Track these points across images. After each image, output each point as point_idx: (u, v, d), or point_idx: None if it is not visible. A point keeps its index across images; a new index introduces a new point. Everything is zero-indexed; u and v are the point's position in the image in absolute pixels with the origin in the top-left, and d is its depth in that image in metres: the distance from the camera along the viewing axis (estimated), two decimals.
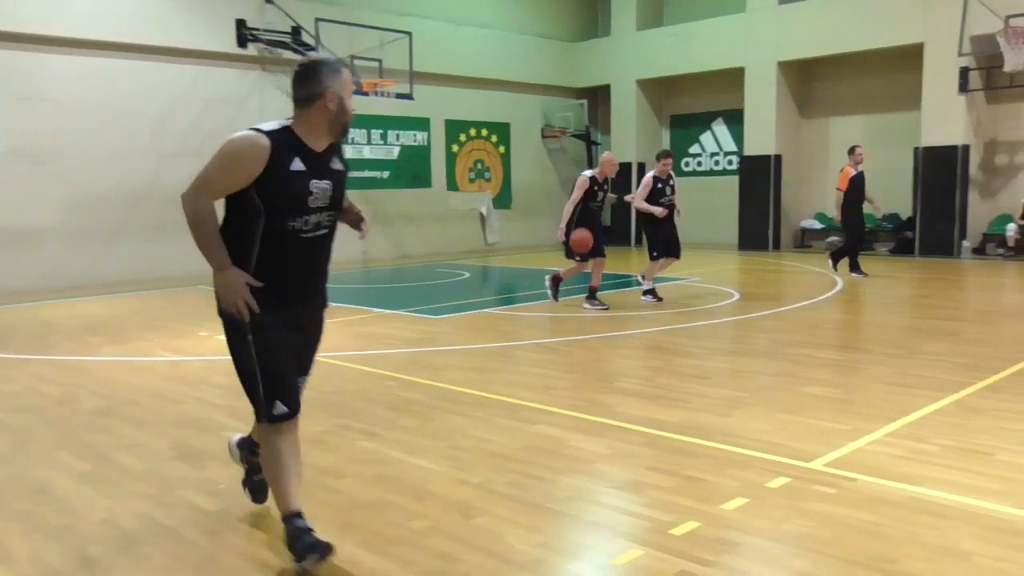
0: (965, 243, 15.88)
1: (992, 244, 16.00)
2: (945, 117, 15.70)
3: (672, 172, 10.25)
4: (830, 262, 13.09)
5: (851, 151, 12.48)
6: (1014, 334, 7.92)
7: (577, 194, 9.62)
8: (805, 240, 19.05)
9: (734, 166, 19.90)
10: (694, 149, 21.13)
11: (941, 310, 9.83)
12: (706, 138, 20.89)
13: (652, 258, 10.32)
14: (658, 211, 9.98)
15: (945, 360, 6.78)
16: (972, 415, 5.10)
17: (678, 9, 20.82)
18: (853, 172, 12.32)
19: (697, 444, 4.61)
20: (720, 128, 20.53)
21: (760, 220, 18.56)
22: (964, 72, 15.36)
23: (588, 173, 9.75)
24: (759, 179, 18.53)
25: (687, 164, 21.27)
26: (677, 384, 6.10)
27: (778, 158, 18.34)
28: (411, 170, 18.72)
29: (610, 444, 4.66)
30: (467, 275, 14.56)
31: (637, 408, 5.44)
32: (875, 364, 6.67)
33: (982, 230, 16.19)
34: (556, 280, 10.36)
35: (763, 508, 3.67)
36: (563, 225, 9.75)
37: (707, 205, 20.36)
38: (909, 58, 16.15)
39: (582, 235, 9.42)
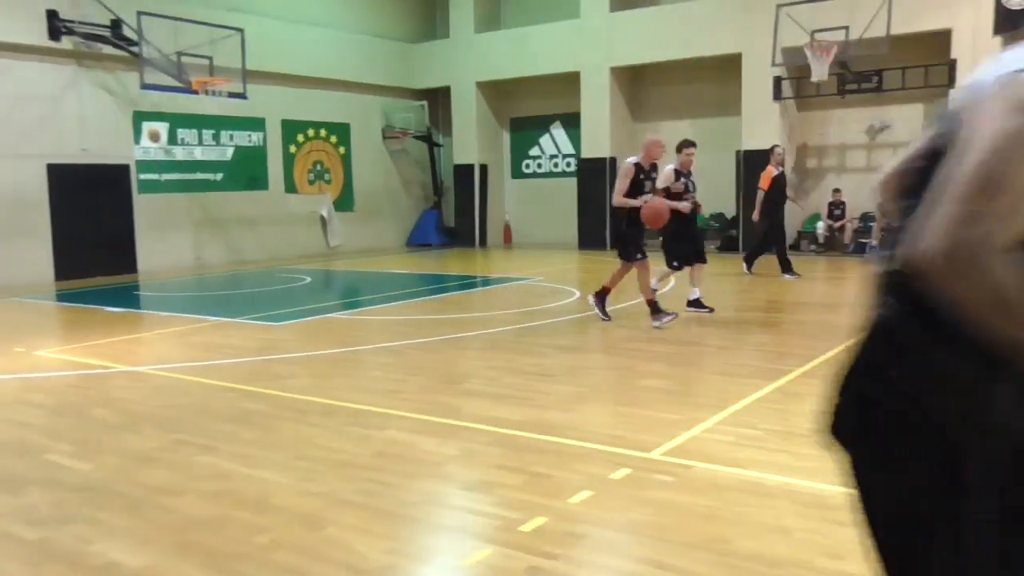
0: None
1: (805, 241, 17.31)
2: (762, 122, 16.86)
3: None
4: (744, 266, 13.01)
5: (771, 150, 12.69)
6: (826, 323, 8.61)
7: (622, 184, 8.17)
8: None
9: (572, 168, 20.49)
10: (534, 151, 21.60)
11: (763, 303, 10.54)
12: (545, 140, 21.39)
13: (672, 267, 9.15)
14: (635, 202, 8.51)
15: (767, 350, 7.28)
16: (792, 400, 5.51)
17: (515, 13, 21.20)
18: (775, 172, 12.48)
19: (543, 440, 4.72)
20: (558, 131, 21.07)
21: (598, 220, 19.20)
22: (777, 81, 16.55)
23: (632, 159, 8.32)
24: (596, 181, 19.17)
25: (527, 166, 21.72)
26: (522, 383, 6.22)
27: (613, 160, 19.04)
28: (246, 172, 18.07)
29: (459, 445, 4.69)
30: (308, 279, 14.22)
31: (484, 408, 5.50)
32: (706, 356, 7.06)
33: (796, 228, 17.48)
34: (602, 295, 8.87)
35: (607, 499, 3.81)
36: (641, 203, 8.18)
37: (548, 206, 21.00)
38: (730, 67, 17.21)
39: (656, 206, 8.02)
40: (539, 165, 21.58)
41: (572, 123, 20.13)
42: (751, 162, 17.02)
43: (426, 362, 7.16)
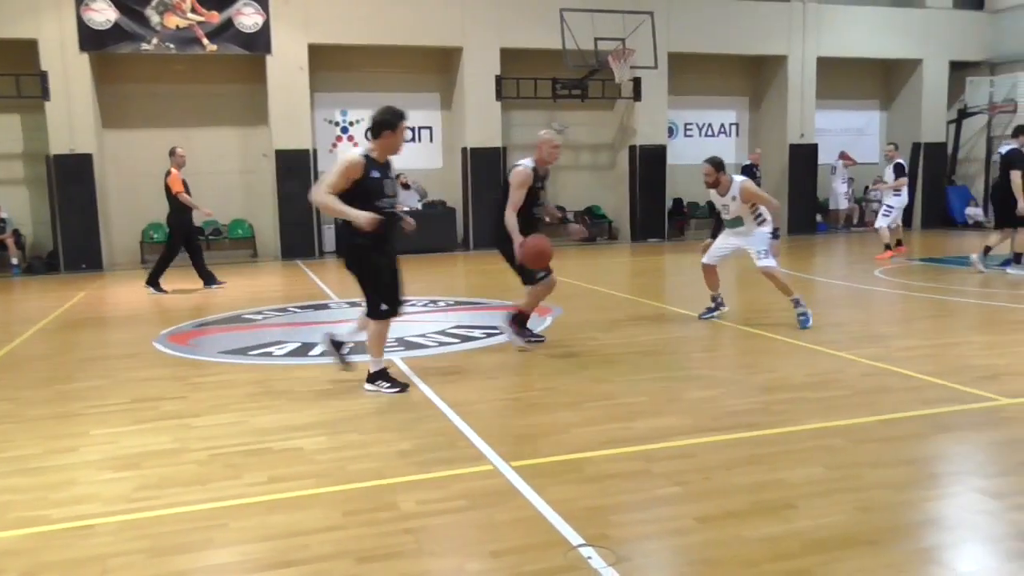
0: None
1: None
2: None
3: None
4: (150, 289, 11.73)
5: (172, 152, 11.75)
6: None
7: (518, 195, 6.78)
8: None
9: None
10: None
11: None
12: None
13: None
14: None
15: None
16: None
17: None
18: (182, 175, 11.70)
19: None
20: None
21: None
22: None
23: (526, 163, 6.90)
24: None
25: None
26: None
27: None
28: None
29: None
30: None
31: None
32: None
33: None
34: (519, 318, 7.11)
35: None
36: (517, 245, 6.67)
37: None
38: None
39: (537, 243, 6.68)
40: None
41: None
42: None
43: None
